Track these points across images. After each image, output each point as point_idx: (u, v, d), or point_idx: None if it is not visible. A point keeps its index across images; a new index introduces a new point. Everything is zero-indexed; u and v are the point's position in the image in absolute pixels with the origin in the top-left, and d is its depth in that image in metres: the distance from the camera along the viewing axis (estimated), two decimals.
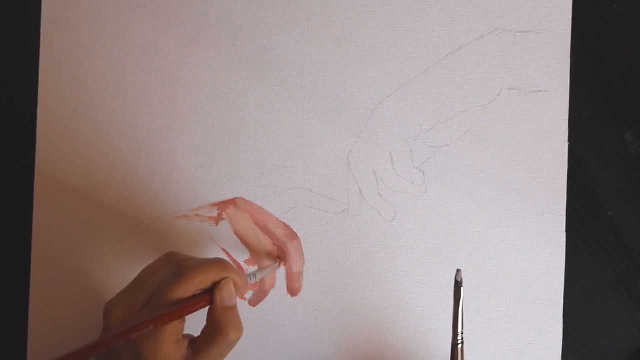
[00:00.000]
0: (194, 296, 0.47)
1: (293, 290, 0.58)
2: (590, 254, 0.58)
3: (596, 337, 0.58)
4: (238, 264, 0.57)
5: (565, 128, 0.58)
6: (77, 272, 0.57)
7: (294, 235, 0.58)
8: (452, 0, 0.59)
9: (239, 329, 0.47)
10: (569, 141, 0.58)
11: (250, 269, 0.58)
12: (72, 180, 0.58)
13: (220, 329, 0.47)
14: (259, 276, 0.53)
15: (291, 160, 0.58)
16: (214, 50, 0.59)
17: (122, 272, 0.57)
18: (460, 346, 0.51)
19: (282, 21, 0.59)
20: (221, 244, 0.58)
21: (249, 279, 0.51)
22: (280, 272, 0.58)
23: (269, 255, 0.58)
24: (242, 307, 0.58)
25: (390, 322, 0.58)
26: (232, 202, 0.58)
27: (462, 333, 0.51)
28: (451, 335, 0.52)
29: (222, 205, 0.58)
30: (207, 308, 0.48)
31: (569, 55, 0.58)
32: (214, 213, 0.58)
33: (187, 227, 0.58)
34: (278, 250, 0.58)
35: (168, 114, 0.58)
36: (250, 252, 0.58)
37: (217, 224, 0.58)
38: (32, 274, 0.57)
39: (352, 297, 0.58)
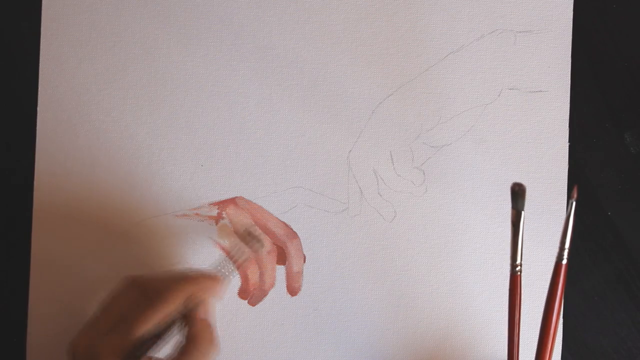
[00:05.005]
0: (168, 318, 0.47)
1: (293, 290, 0.58)
2: (590, 254, 0.59)
3: (595, 338, 0.58)
4: (238, 264, 0.57)
5: (565, 128, 0.59)
6: (76, 272, 0.57)
7: (293, 235, 0.58)
8: (453, 0, 0.59)
9: (215, 345, 0.47)
10: (569, 141, 0.58)
11: (253, 268, 0.58)
12: (72, 180, 0.58)
13: (197, 343, 0.47)
14: (234, 266, 0.53)
15: (291, 160, 0.58)
16: (214, 50, 0.59)
17: (122, 271, 0.57)
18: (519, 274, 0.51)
19: (283, 21, 0.59)
20: (221, 243, 0.58)
21: (225, 278, 0.52)
22: (280, 272, 0.58)
23: (269, 254, 0.58)
24: (242, 307, 0.58)
25: (389, 322, 0.58)
26: (232, 201, 0.58)
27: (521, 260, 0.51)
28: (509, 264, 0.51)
29: (222, 204, 0.58)
30: None
31: (570, 55, 0.59)
32: (214, 212, 0.58)
33: (187, 226, 0.58)
34: (278, 249, 0.58)
35: (168, 113, 0.58)
36: (250, 251, 0.58)
37: (217, 223, 0.58)
38: (31, 274, 0.57)
39: (352, 296, 0.58)
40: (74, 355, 0.47)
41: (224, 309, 0.58)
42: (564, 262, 0.50)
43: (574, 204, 0.49)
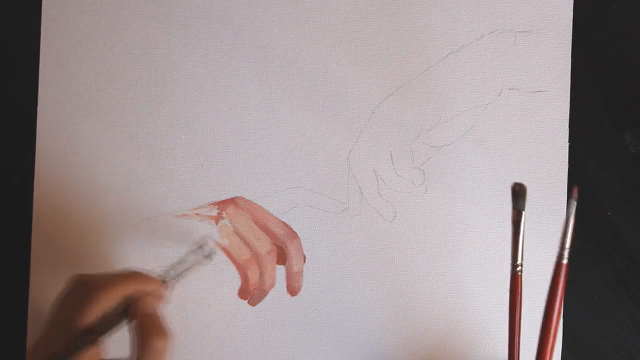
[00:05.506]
0: (108, 315, 0.47)
1: (293, 290, 0.58)
2: (590, 254, 0.59)
3: (596, 338, 0.58)
4: (238, 264, 0.58)
5: (565, 128, 0.59)
6: (76, 272, 0.57)
7: (293, 235, 0.58)
8: (453, 0, 0.59)
9: (164, 334, 0.47)
10: (569, 141, 0.58)
11: (253, 268, 0.58)
12: (72, 180, 0.58)
13: (144, 337, 0.47)
14: (179, 271, 0.53)
15: (291, 160, 0.58)
16: (214, 50, 0.59)
17: None
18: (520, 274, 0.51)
19: (283, 21, 0.59)
20: (221, 243, 0.58)
21: (168, 280, 0.52)
22: (280, 272, 0.58)
23: (268, 254, 0.58)
24: (242, 307, 0.58)
25: (389, 322, 0.58)
26: (232, 201, 0.58)
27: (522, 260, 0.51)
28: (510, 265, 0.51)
29: (222, 204, 0.58)
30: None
31: (570, 55, 0.59)
32: (214, 212, 0.58)
33: (187, 226, 0.58)
34: (277, 249, 0.58)
35: (168, 113, 0.58)
36: (250, 251, 0.58)
37: (217, 223, 0.58)
38: (31, 274, 0.57)
39: (351, 297, 0.58)
40: None
41: (224, 309, 0.58)
42: (565, 261, 0.50)
43: (575, 203, 0.49)
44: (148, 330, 0.47)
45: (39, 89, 0.58)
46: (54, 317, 0.48)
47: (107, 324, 0.47)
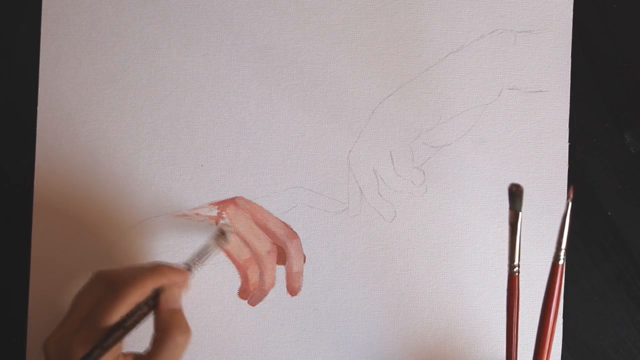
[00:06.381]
0: (134, 309, 0.47)
1: (293, 290, 0.58)
2: (590, 254, 0.59)
3: (596, 338, 0.58)
4: (238, 264, 0.58)
5: (565, 128, 0.59)
6: (76, 272, 0.57)
7: (293, 235, 0.58)
8: (453, 0, 0.59)
9: (186, 330, 0.47)
10: (569, 141, 0.58)
11: (253, 268, 0.58)
12: (72, 180, 0.58)
13: (167, 332, 0.47)
14: (202, 260, 0.53)
15: (291, 160, 0.58)
16: (214, 50, 0.59)
17: None
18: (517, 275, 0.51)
19: (283, 21, 0.59)
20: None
21: (191, 271, 0.52)
22: (280, 272, 0.58)
23: (268, 254, 0.58)
24: (242, 307, 0.58)
25: (389, 322, 0.58)
26: (232, 201, 0.58)
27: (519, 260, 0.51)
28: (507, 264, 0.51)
29: (222, 204, 0.58)
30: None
31: (570, 55, 0.59)
32: (214, 212, 0.58)
33: (187, 226, 0.58)
34: (277, 249, 0.58)
35: (168, 113, 0.58)
36: (250, 251, 0.58)
37: (217, 223, 0.58)
38: (31, 274, 0.57)
39: (351, 296, 0.58)
40: (47, 354, 0.47)
41: (224, 309, 0.58)
42: (561, 262, 0.50)
43: (570, 204, 0.49)
44: (171, 325, 0.47)
45: (39, 89, 0.58)
46: (74, 313, 0.48)
47: (135, 319, 0.47)
